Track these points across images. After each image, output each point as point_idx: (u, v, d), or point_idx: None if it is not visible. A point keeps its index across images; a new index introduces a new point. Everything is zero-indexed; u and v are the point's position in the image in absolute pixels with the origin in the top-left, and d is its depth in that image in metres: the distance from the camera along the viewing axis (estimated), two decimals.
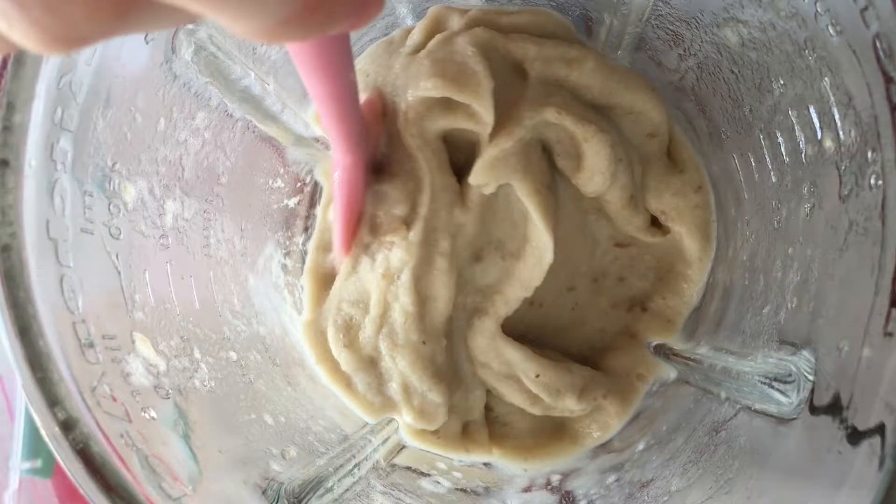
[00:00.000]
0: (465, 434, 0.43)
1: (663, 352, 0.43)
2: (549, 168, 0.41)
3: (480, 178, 0.39)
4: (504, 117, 0.38)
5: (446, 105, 0.38)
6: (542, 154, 0.41)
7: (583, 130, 0.39)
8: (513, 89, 0.39)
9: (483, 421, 0.44)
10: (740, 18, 0.32)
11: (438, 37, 0.39)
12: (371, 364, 0.42)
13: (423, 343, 0.40)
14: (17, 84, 0.27)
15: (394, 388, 0.41)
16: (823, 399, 0.28)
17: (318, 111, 0.36)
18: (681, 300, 0.43)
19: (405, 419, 0.41)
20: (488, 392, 0.44)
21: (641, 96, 0.40)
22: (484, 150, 0.39)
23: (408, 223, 0.39)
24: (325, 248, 0.46)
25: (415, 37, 0.40)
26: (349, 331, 0.41)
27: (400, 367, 0.40)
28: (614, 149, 0.39)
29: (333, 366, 0.43)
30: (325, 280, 0.45)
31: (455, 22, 0.39)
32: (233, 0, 0.17)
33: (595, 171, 0.39)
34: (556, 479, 0.42)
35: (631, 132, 0.42)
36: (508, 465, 0.44)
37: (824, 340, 0.30)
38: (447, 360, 0.41)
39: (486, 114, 0.37)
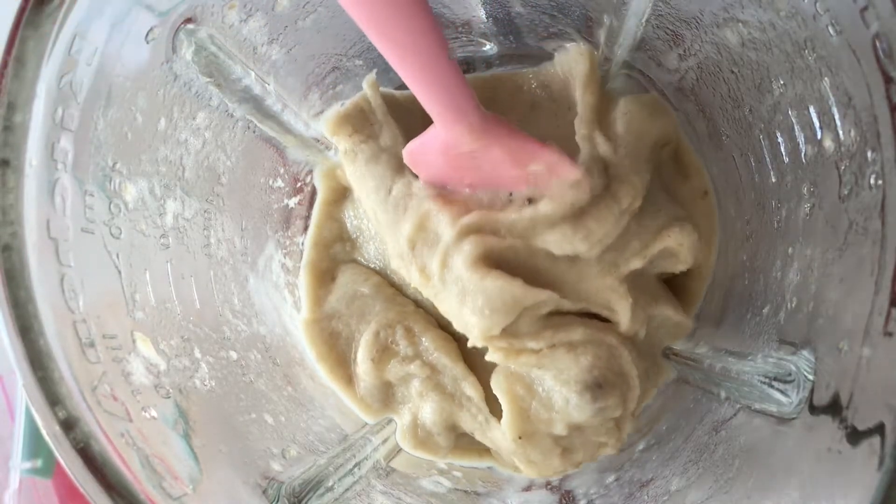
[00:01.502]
0: (471, 443, 0.44)
1: (663, 352, 0.43)
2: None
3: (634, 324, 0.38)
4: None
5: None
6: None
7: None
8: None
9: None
10: (740, 18, 0.32)
11: (435, 270, 0.37)
12: (385, 384, 0.42)
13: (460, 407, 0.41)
14: (17, 84, 0.27)
15: (404, 412, 0.42)
16: (823, 399, 0.28)
17: (408, 80, 0.32)
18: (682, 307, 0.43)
19: (401, 436, 0.42)
20: None
21: (663, 121, 0.41)
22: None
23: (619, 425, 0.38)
24: (323, 244, 0.46)
25: (406, 228, 0.39)
26: (385, 350, 0.42)
27: (426, 409, 0.41)
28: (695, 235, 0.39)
29: (333, 364, 0.43)
30: (324, 276, 0.45)
31: (444, 230, 0.37)
32: None
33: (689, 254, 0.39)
34: (555, 478, 0.42)
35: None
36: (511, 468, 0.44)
37: (824, 340, 0.30)
38: None
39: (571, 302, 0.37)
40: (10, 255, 0.27)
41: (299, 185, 0.46)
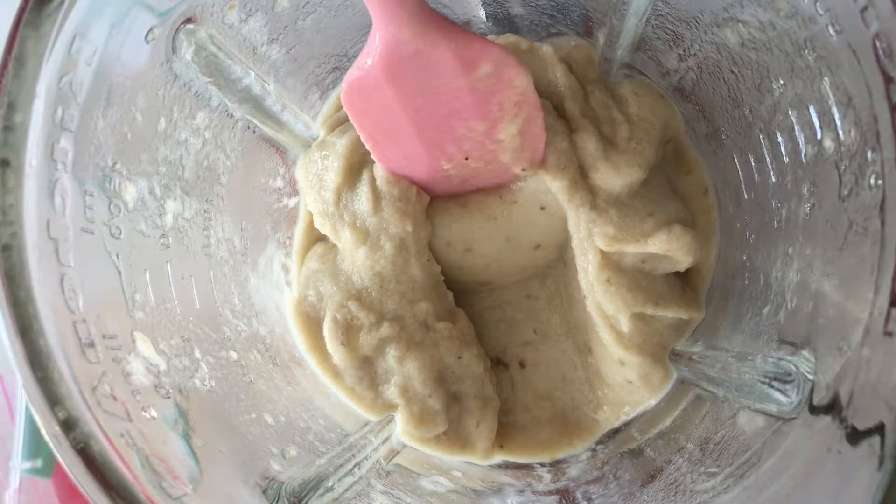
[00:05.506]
0: (469, 439, 0.43)
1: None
2: None
3: None
4: None
5: None
6: None
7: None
8: None
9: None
10: (740, 18, 0.32)
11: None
12: (366, 362, 0.42)
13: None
14: (17, 84, 0.27)
15: (392, 391, 0.42)
16: (823, 399, 0.28)
17: None
18: None
19: (403, 426, 0.42)
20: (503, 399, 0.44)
21: (669, 108, 0.41)
22: None
23: None
24: (313, 232, 0.46)
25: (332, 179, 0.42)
26: (349, 330, 0.41)
27: (411, 370, 0.41)
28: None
29: (324, 355, 0.43)
30: None
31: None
32: None
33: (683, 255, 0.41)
34: (555, 480, 0.42)
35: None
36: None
37: (824, 340, 0.30)
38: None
39: None
40: (10, 255, 0.27)
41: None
